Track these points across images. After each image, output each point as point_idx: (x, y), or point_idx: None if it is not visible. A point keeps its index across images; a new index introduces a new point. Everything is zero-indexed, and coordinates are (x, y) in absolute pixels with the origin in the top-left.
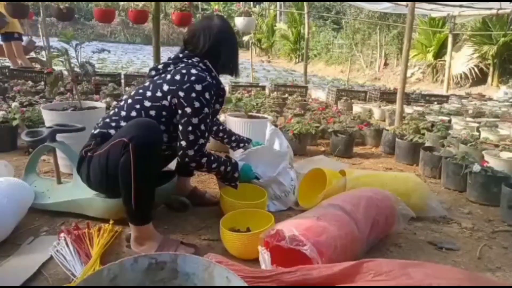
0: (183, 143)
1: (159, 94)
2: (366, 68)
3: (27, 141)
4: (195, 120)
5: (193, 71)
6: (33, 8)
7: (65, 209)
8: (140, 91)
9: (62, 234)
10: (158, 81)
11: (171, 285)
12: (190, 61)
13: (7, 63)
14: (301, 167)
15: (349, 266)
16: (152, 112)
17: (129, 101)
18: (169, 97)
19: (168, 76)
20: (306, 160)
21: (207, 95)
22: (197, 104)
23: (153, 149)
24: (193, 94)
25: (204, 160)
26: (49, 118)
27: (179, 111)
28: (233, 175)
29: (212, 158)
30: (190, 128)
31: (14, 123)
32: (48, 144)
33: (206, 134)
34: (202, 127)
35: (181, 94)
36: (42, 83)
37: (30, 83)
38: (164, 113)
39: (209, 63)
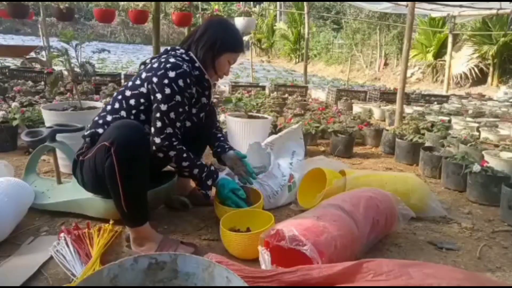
0: (152, 129)
1: (138, 82)
2: (366, 68)
3: (27, 141)
4: (163, 107)
5: (171, 60)
6: (33, 8)
7: (65, 209)
8: (125, 83)
9: (62, 234)
10: (140, 72)
11: (171, 285)
12: (173, 52)
13: (7, 63)
14: (302, 167)
15: (349, 266)
16: (132, 101)
17: (114, 94)
18: (145, 84)
19: (149, 66)
20: (306, 160)
21: (180, 82)
22: (167, 91)
23: (136, 150)
24: (166, 81)
25: (172, 153)
26: (49, 118)
27: (152, 97)
28: (206, 182)
29: (185, 155)
30: (158, 114)
31: (14, 123)
32: (48, 144)
33: (178, 124)
34: (172, 115)
35: (155, 80)
36: (42, 83)
37: (30, 83)
38: (142, 100)
39: (194, 55)
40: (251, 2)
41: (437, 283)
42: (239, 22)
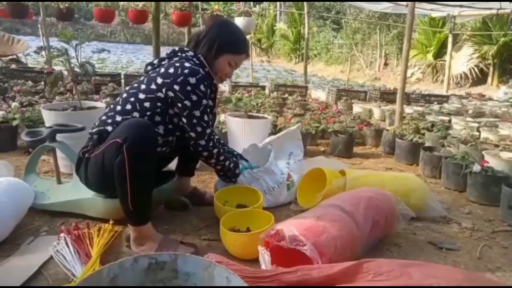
0: (193, 134)
1: (153, 86)
2: (366, 68)
3: (27, 141)
4: (197, 113)
5: (187, 64)
6: (33, 8)
7: (65, 209)
8: (135, 85)
9: (62, 234)
10: (152, 75)
11: (171, 285)
12: (184, 55)
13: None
14: (301, 167)
15: (349, 266)
16: (147, 104)
17: (124, 95)
18: (163, 90)
19: (162, 70)
20: (306, 160)
21: (202, 87)
22: (194, 98)
23: (148, 149)
24: (188, 88)
25: (215, 151)
26: (49, 118)
27: (178, 104)
28: (235, 172)
29: (221, 150)
30: (195, 120)
31: (14, 123)
32: (48, 144)
33: (210, 123)
34: (205, 117)
35: (176, 87)
36: (42, 83)
37: (30, 83)
38: (159, 104)
39: (203, 58)
40: (251, 2)
41: (437, 283)
42: (239, 22)
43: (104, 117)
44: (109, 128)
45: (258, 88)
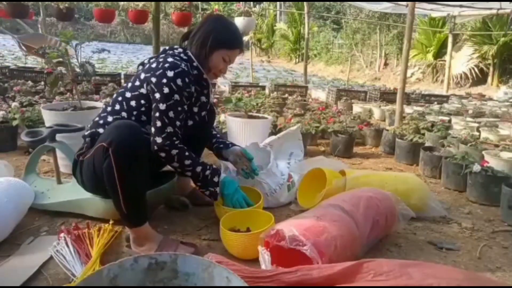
0: (152, 129)
1: (137, 83)
2: (366, 68)
3: (27, 141)
4: (162, 106)
5: (169, 59)
6: (33, 8)
7: (65, 209)
8: (124, 84)
9: (62, 234)
10: (139, 72)
11: (171, 285)
12: (171, 52)
13: (7, 63)
14: (301, 167)
15: (349, 266)
16: (132, 103)
17: (115, 95)
18: (145, 85)
19: (147, 66)
20: (306, 160)
21: (179, 82)
22: (166, 90)
23: (134, 150)
24: (164, 80)
25: (174, 152)
26: (49, 118)
27: (151, 97)
28: (212, 180)
29: (186, 153)
30: (157, 114)
31: (14, 123)
32: (48, 144)
33: (177, 123)
34: (171, 114)
35: (153, 80)
36: (42, 83)
37: (30, 83)
38: (142, 101)
39: (191, 53)
40: (251, 2)
41: (437, 283)
42: (239, 22)
43: (96, 119)
44: (101, 130)
45: (258, 88)
